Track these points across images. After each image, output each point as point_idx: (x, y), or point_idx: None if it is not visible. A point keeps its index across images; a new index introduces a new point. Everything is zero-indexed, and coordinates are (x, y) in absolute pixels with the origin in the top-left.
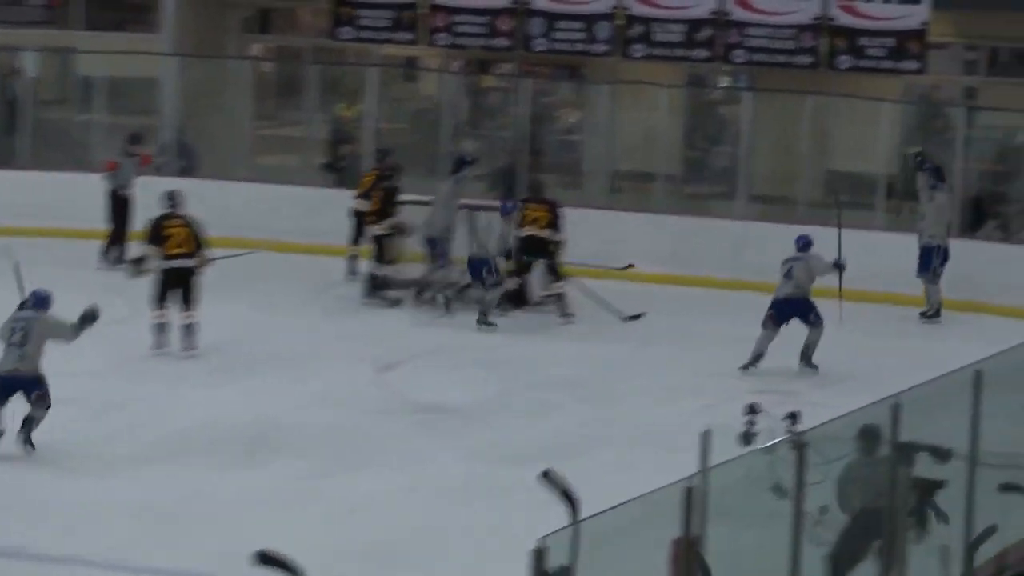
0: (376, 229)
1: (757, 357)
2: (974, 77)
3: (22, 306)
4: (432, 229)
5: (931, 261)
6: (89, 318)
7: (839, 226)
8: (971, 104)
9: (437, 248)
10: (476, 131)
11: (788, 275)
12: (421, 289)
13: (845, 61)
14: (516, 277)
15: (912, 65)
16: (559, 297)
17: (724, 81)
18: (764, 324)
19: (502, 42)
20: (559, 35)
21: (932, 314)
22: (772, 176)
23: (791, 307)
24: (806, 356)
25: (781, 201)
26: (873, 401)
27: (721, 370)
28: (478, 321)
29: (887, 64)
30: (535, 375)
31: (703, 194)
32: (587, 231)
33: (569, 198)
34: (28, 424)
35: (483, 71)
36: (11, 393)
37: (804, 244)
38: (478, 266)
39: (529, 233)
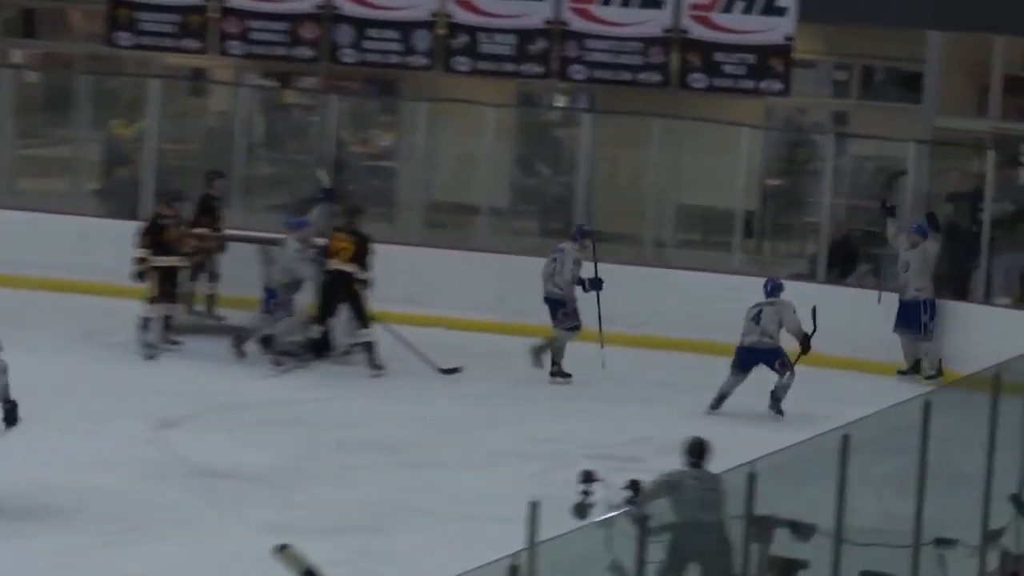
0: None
1: (721, 398)
2: (845, 100)
3: None
4: (272, 278)
5: (919, 317)
6: None
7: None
8: (841, 130)
9: (276, 298)
10: (274, 153)
11: (756, 320)
12: (240, 338)
13: (699, 80)
14: (318, 323)
15: (775, 85)
16: (368, 346)
17: (560, 101)
18: (731, 369)
19: (305, 52)
20: (371, 45)
21: (935, 374)
22: (614, 210)
23: (756, 356)
24: (774, 400)
25: (625, 239)
26: (726, 469)
27: (553, 433)
28: (272, 360)
29: (747, 84)
30: (340, 436)
31: (534, 230)
32: (400, 271)
33: (380, 232)
34: None
35: (283, 85)
36: None
37: (774, 288)
38: (270, 297)
39: (334, 267)
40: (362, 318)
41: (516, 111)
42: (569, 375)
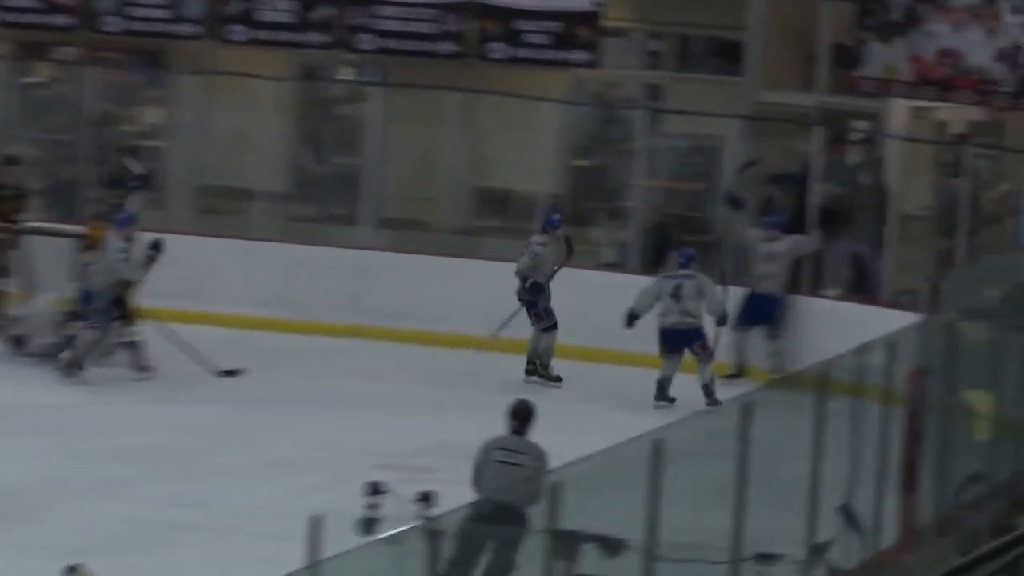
0: None
1: (662, 387)
2: (659, 72)
3: None
4: (92, 280)
5: (774, 311)
6: None
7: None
8: (655, 105)
9: (93, 303)
10: (26, 134)
11: (675, 296)
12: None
13: (499, 50)
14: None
15: (582, 56)
16: (134, 345)
17: (346, 74)
18: (660, 354)
19: (62, 19)
20: (137, 12)
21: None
22: (406, 194)
23: (680, 338)
24: (708, 394)
25: (416, 226)
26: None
27: (338, 440)
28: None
29: (551, 54)
30: (103, 444)
31: (316, 217)
32: (170, 262)
33: (148, 219)
34: None
35: (36, 56)
36: None
37: (688, 258)
38: (87, 302)
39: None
40: (126, 314)
41: (297, 85)
42: (558, 378)
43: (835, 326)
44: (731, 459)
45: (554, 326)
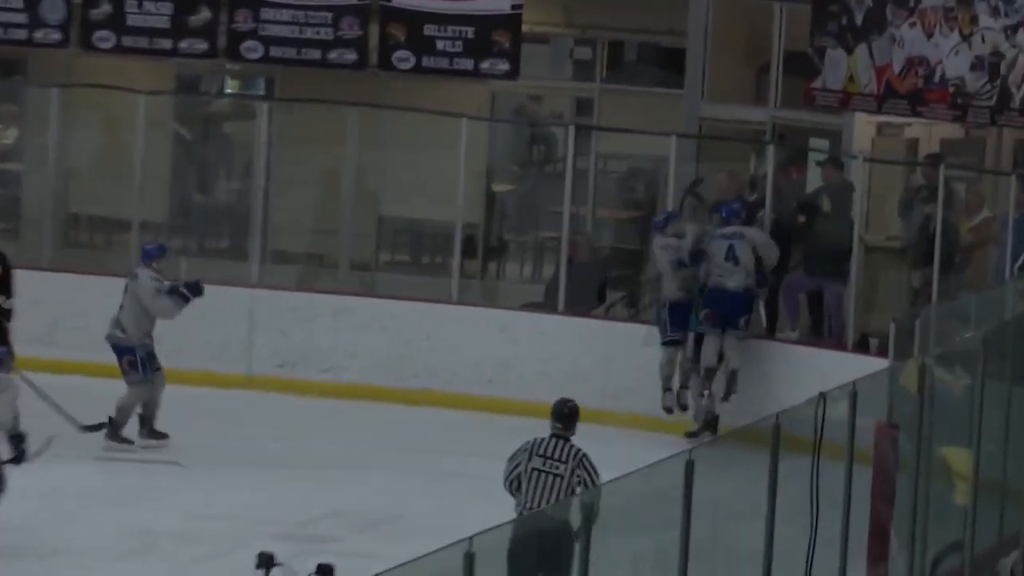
0: None
1: (709, 374)
2: (589, 84)
3: None
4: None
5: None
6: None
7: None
8: (585, 122)
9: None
10: None
11: (732, 258)
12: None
13: (405, 59)
14: None
15: (501, 66)
16: None
17: (231, 86)
18: (705, 328)
19: None
20: None
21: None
22: (301, 225)
23: (733, 304)
24: (731, 387)
25: (313, 261)
26: (441, 547)
27: (226, 507)
28: None
29: (466, 64)
30: None
31: (199, 251)
32: (30, 302)
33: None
34: None
35: None
36: None
37: (730, 212)
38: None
39: None
40: None
41: (174, 99)
42: None
43: (792, 372)
44: (671, 526)
45: None
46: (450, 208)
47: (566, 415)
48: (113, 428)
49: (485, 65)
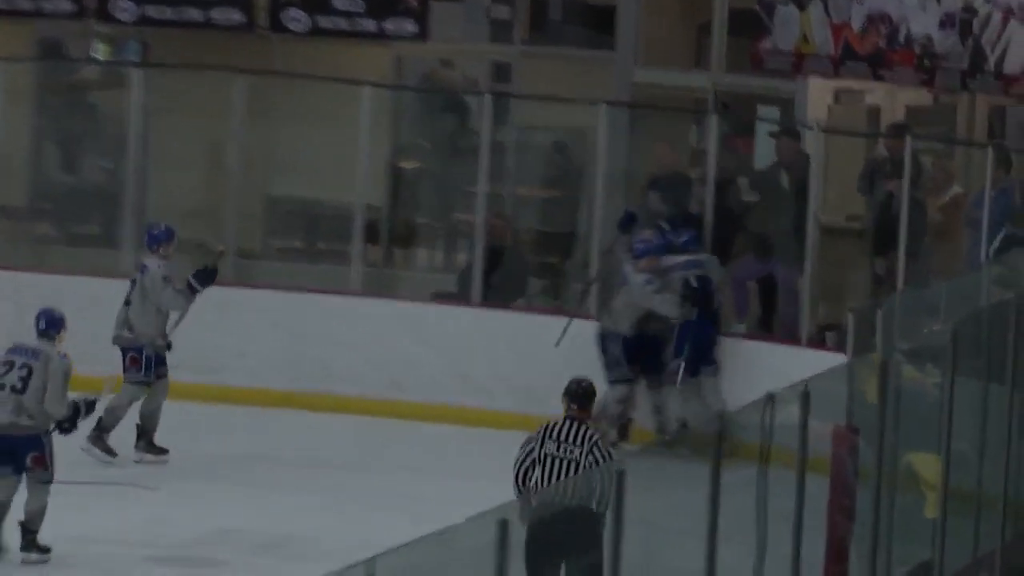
0: None
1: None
2: (508, 46)
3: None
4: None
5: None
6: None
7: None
8: (503, 89)
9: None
10: None
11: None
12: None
13: (298, 19)
14: None
15: (407, 26)
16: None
17: (99, 51)
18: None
19: None
20: None
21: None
22: (180, 208)
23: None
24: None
25: (194, 248)
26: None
27: (99, 528)
28: None
29: (367, 25)
30: None
31: (65, 238)
32: None
33: None
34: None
35: None
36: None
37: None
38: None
39: None
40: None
41: (35, 66)
42: None
43: (739, 370)
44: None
45: None
46: (350, 188)
47: (581, 395)
48: (98, 430)
49: (389, 26)
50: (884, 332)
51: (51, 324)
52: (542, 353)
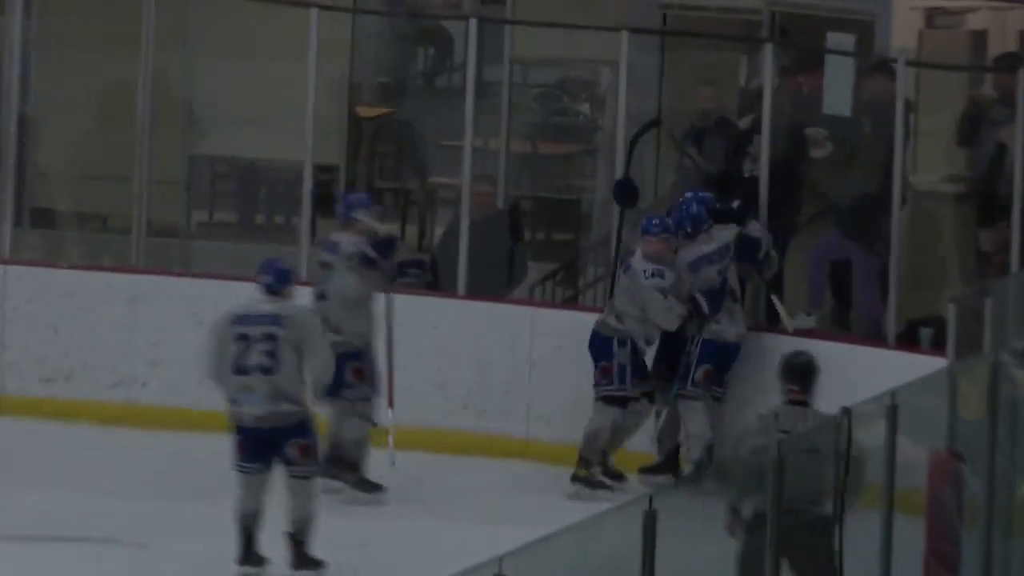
0: None
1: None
2: None
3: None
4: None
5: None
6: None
7: None
8: (495, 16)
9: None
10: None
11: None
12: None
13: None
14: None
15: None
16: None
17: None
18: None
19: None
20: None
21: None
22: (72, 172)
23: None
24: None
25: (90, 223)
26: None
27: None
28: None
29: None
30: None
31: None
32: None
33: None
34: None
35: None
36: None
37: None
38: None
39: None
40: None
41: None
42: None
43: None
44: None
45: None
46: (296, 143)
47: (801, 372)
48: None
49: None
50: (993, 327)
51: (280, 278)
52: (548, 359)
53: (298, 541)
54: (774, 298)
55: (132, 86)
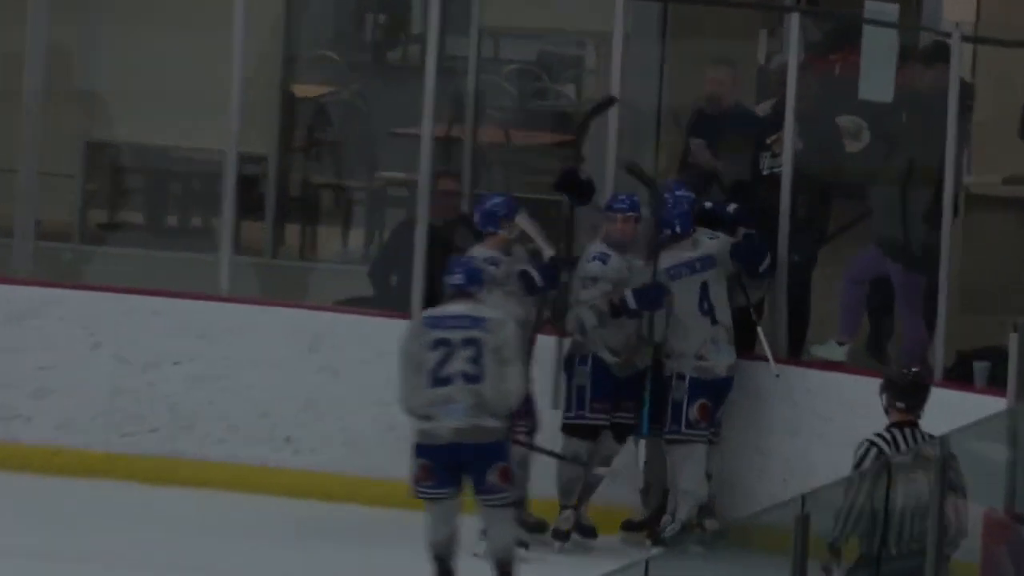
0: None
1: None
2: None
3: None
4: None
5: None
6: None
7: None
8: None
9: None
10: None
11: (706, 308)
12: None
13: None
14: None
15: None
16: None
17: None
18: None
19: None
20: None
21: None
22: None
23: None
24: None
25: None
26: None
27: None
28: None
29: None
30: None
31: None
32: None
33: None
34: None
35: None
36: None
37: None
38: None
39: None
40: None
41: None
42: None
43: (841, 419)
44: None
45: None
46: (218, 129)
47: (910, 389)
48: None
49: None
50: None
51: (472, 278)
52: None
53: (505, 573)
54: (759, 329)
55: (19, 60)
